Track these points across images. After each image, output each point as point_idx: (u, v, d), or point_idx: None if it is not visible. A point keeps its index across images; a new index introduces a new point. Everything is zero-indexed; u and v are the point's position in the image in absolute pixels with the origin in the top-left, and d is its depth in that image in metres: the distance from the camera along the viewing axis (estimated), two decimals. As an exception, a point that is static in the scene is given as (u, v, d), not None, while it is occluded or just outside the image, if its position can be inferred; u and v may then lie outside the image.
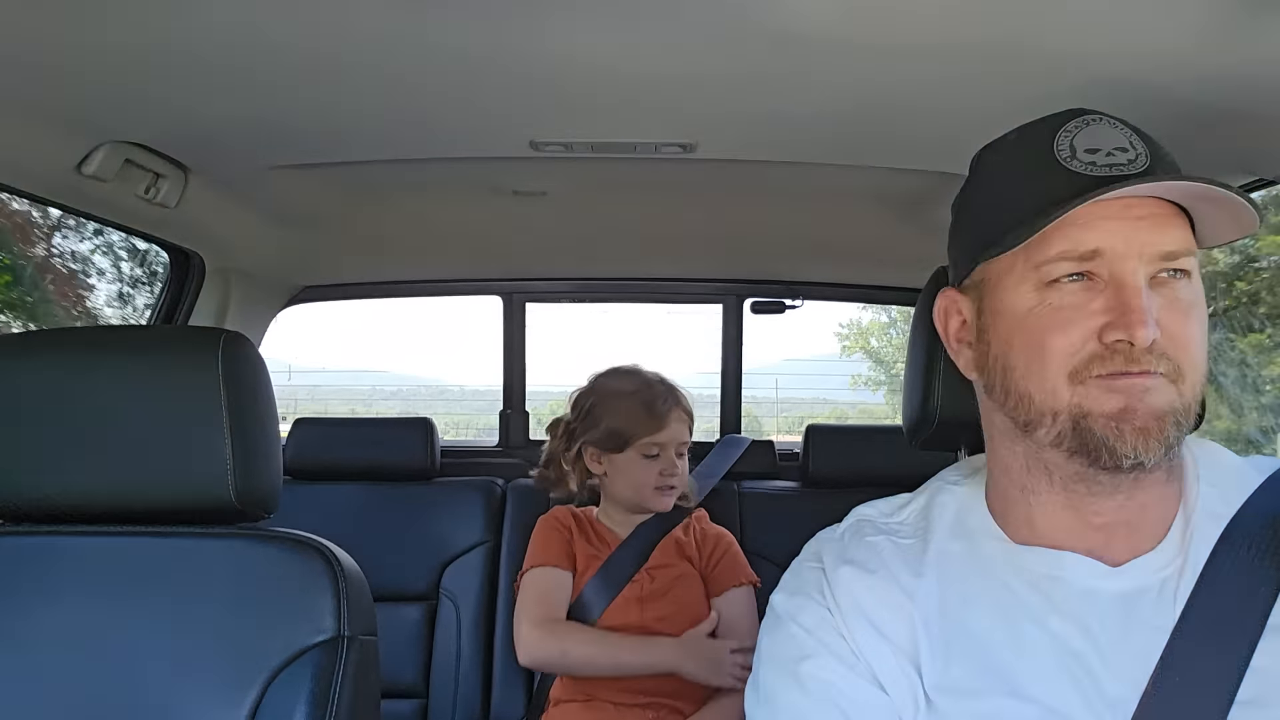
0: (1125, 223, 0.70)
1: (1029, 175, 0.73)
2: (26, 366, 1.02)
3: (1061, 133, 0.74)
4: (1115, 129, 0.73)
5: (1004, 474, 0.79)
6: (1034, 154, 0.74)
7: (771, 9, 0.94)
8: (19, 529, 1.05)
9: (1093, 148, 0.72)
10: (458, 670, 1.87)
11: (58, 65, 1.08)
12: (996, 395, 0.76)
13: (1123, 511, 0.74)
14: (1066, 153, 0.72)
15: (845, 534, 0.84)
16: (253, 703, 0.94)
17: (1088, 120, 0.74)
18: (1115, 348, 0.69)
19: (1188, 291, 0.71)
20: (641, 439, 1.66)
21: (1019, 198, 0.73)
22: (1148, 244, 0.70)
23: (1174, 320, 0.70)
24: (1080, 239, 0.70)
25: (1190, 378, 0.70)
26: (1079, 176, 0.71)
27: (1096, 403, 0.69)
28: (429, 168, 1.59)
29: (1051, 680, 0.70)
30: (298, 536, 1.02)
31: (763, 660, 0.80)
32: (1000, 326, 0.75)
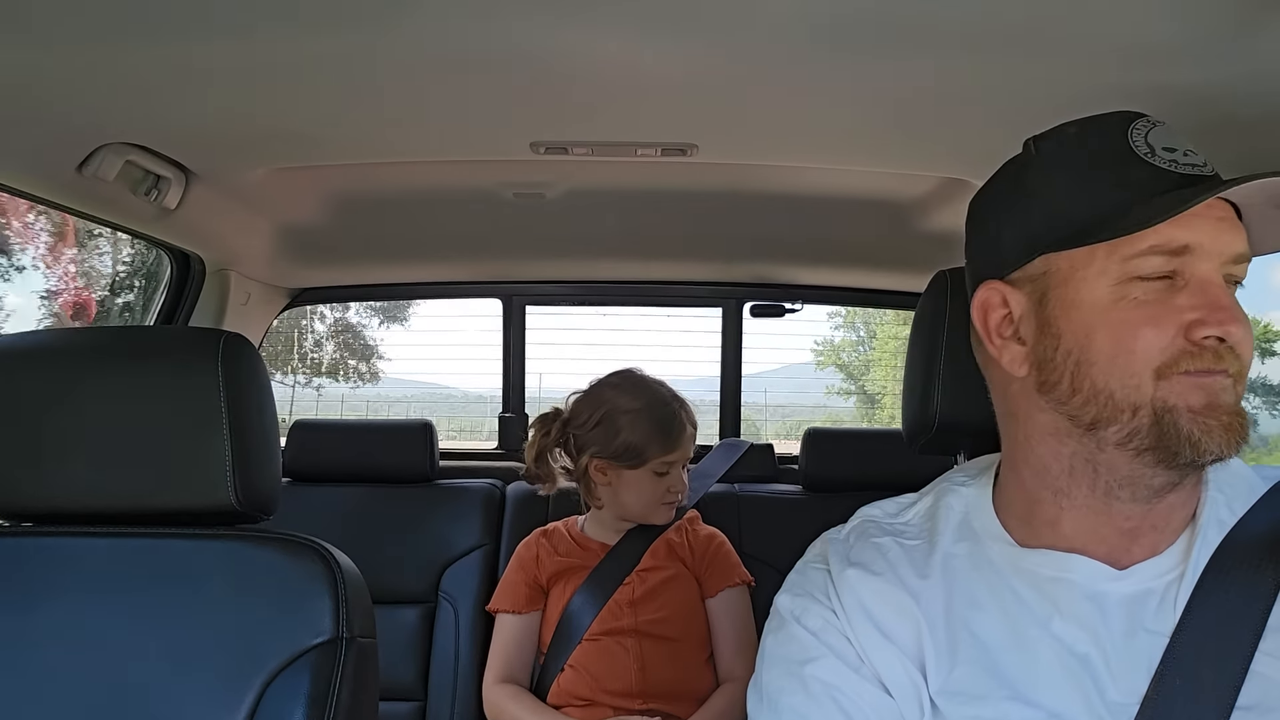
0: (1210, 222, 0.70)
1: (1110, 169, 0.72)
2: (27, 367, 1.02)
3: (1133, 129, 0.73)
4: (1174, 132, 0.74)
5: (1036, 476, 0.76)
6: (1108, 148, 0.73)
7: (772, 12, 0.95)
8: (18, 529, 1.05)
9: (1170, 146, 0.72)
10: (456, 673, 1.87)
11: (59, 67, 1.08)
12: (1060, 392, 0.73)
13: (1152, 515, 0.74)
14: (1145, 149, 0.72)
15: (850, 535, 0.84)
16: (251, 704, 0.94)
17: (1151, 121, 0.74)
18: (1204, 344, 0.69)
19: (1239, 298, 0.72)
20: (657, 458, 1.64)
21: (1103, 190, 0.72)
22: (1228, 245, 0.71)
23: (1240, 326, 0.70)
24: (1173, 235, 0.69)
25: (1244, 380, 0.71)
26: (1166, 173, 0.71)
27: (1182, 398, 0.69)
28: (429, 170, 1.59)
29: (1055, 685, 0.70)
30: (297, 538, 1.02)
31: (766, 661, 0.79)
32: (1075, 319, 0.72)
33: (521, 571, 1.72)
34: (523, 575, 1.71)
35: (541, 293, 2.47)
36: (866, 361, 5.76)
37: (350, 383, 5.05)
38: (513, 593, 1.71)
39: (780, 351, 2.50)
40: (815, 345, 5.58)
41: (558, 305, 2.55)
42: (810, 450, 2.01)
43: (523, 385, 2.49)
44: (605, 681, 1.60)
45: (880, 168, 1.51)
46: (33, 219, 5.13)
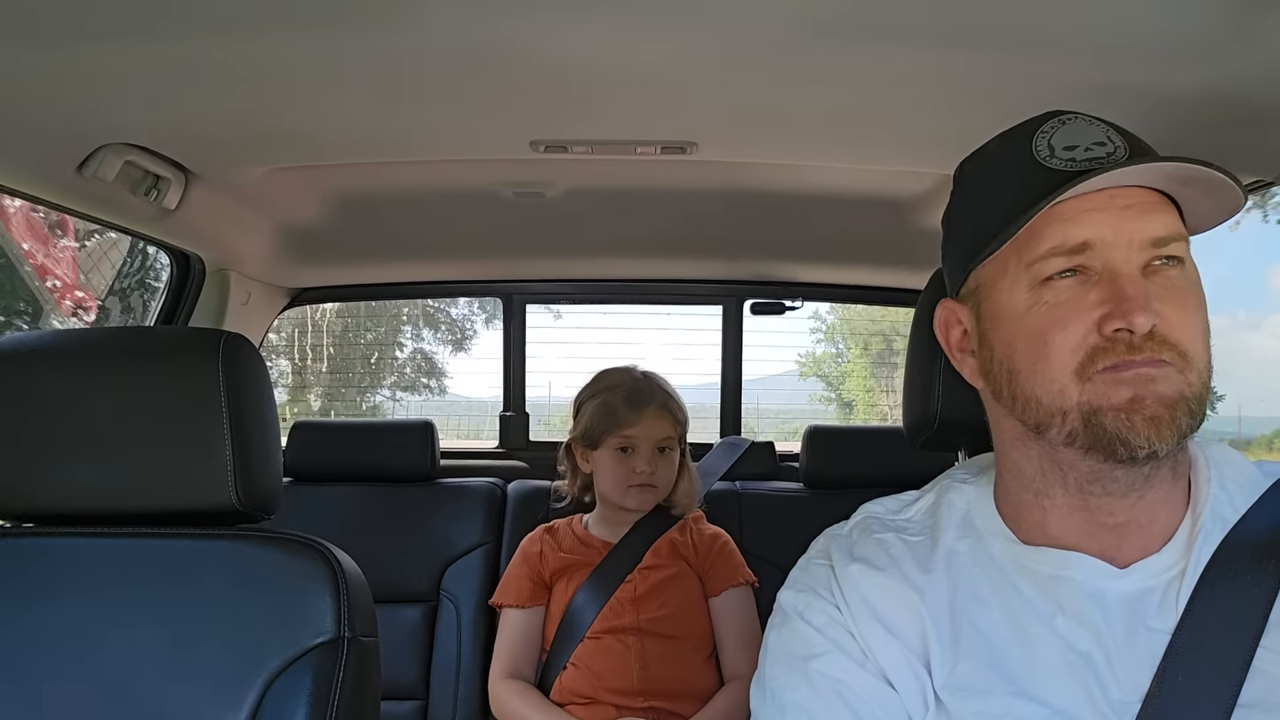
0: (1111, 213, 0.70)
1: (1014, 178, 0.74)
2: (27, 367, 1.02)
3: (1039, 134, 0.74)
4: (1093, 126, 0.74)
5: (1016, 479, 0.78)
6: (1014, 157, 0.75)
7: (772, 10, 0.95)
8: (19, 529, 1.05)
9: (1071, 144, 0.73)
10: (458, 671, 1.87)
11: (59, 68, 1.08)
12: (1005, 400, 0.76)
13: (1134, 511, 0.74)
14: (1045, 152, 0.73)
15: (853, 531, 0.84)
16: (253, 704, 0.94)
17: (1064, 120, 0.75)
18: (1116, 338, 0.69)
19: (1182, 278, 0.71)
20: (612, 434, 1.67)
21: (1004, 199, 0.73)
22: (1136, 231, 0.70)
23: (1171, 308, 0.69)
24: (1069, 233, 0.71)
25: (1195, 365, 0.70)
26: (1059, 173, 0.71)
27: (1105, 397, 0.69)
28: (429, 169, 1.59)
29: (1058, 682, 0.70)
30: (298, 538, 1.02)
31: (770, 657, 0.79)
32: (1000, 330, 0.75)
33: (525, 566, 1.72)
34: (526, 570, 1.72)
35: (542, 291, 2.47)
36: (843, 372, 6.19)
37: (421, 396, 6.51)
38: (516, 587, 1.71)
39: (766, 364, 2.61)
40: (799, 358, 5.99)
41: (558, 304, 2.55)
42: (811, 448, 2.01)
43: (523, 384, 2.49)
44: (607, 680, 1.60)
45: (880, 165, 1.51)
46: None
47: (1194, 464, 0.77)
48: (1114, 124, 0.75)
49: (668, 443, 1.70)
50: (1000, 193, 0.74)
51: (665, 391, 1.72)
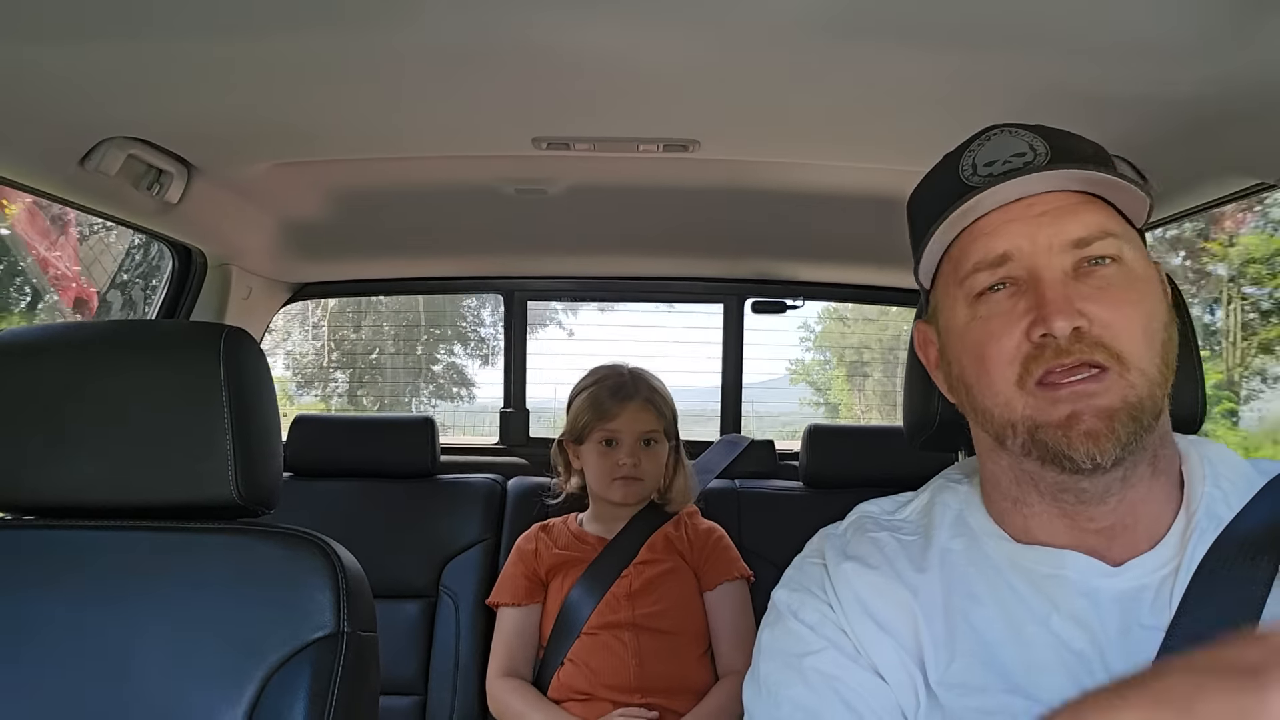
0: (1027, 221, 0.72)
1: (944, 200, 0.75)
2: (28, 361, 1.03)
3: (966, 153, 0.76)
4: (1017, 137, 0.75)
5: (995, 487, 0.79)
6: (945, 179, 0.77)
7: (774, 8, 0.95)
8: (19, 521, 1.05)
9: (991, 160, 0.74)
10: (456, 667, 1.87)
11: (62, 62, 1.08)
12: (968, 413, 0.78)
13: (1116, 514, 0.74)
14: (969, 170, 0.75)
15: (848, 530, 0.84)
16: (252, 697, 0.95)
17: (990, 135, 0.76)
18: (1043, 343, 0.70)
19: (1118, 275, 0.71)
20: (595, 427, 1.69)
21: (931, 220, 0.76)
22: (1054, 235, 0.71)
23: (1102, 307, 0.70)
24: (989, 246, 0.73)
25: (1137, 364, 0.70)
26: (974, 190, 0.73)
27: (1044, 413, 0.70)
28: (431, 165, 1.59)
29: (1053, 679, 0.70)
30: (298, 532, 1.02)
31: (763, 654, 0.80)
32: (952, 347, 0.77)
33: (521, 564, 1.73)
34: (522, 568, 1.73)
35: (543, 288, 2.47)
36: (829, 378, 6.49)
37: (454, 403, 7.09)
38: (512, 586, 1.72)
39: (759, 371, 2.73)
40: (789, 365, 6.28)
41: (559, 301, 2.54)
42: (811, 446, 2.01)
43: (524, 380, 2.49)
44: (603, 676, 1.61)
45: (882, 164, 1.51)
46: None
47: (1187, 461, 0.78)
48: (1046, 130, 0.76)
49: (652, 435, 1.70)
50: (929, 215, 0.77)
51: (650, 386, 1.73)
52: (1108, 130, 1.24)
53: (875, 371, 6.45)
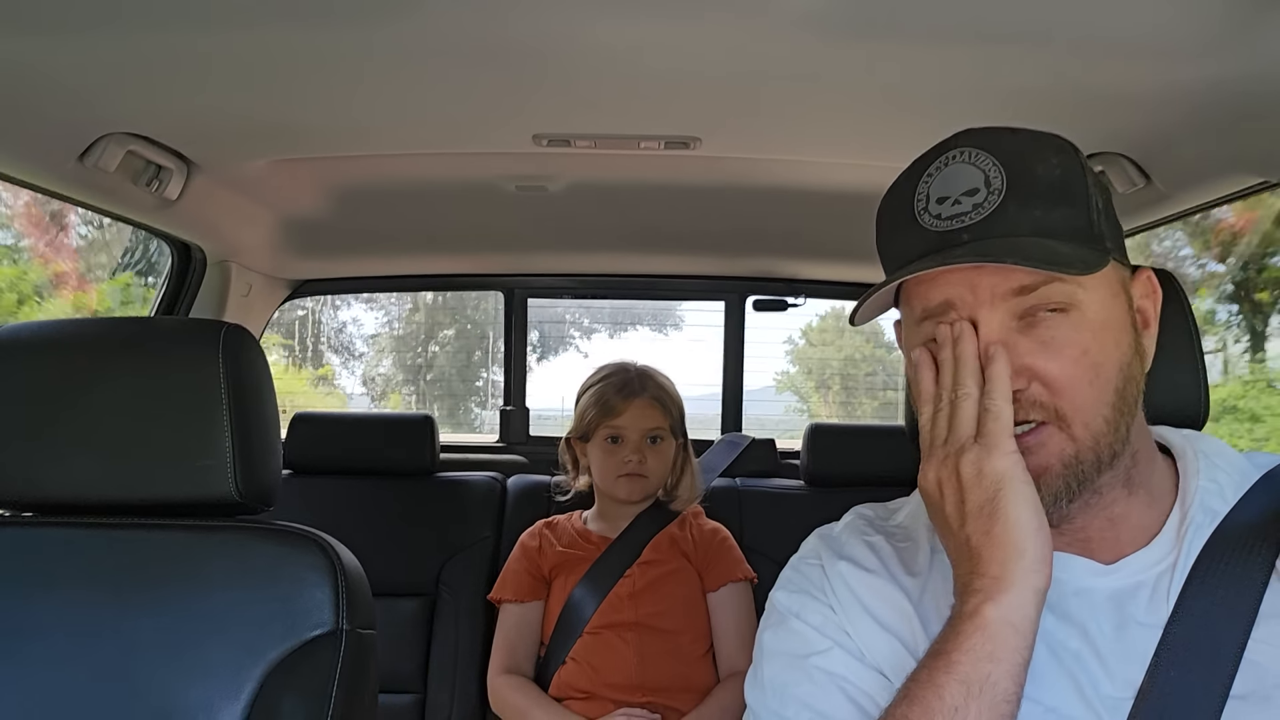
0: (963, 272, 0.70)
1: (895, 230, 0.75)
2: (26, 357, 1.02)
3: (923, 179, 0.74)
4: (974, 165, 0.71)
5: None
6: (901, 205, 0.75)
7: (776, 5, 0.94)
8: (18, 519, 1.05)
9: (943, 195, 0.72)
10: (456, 665, 1.87)
11: (61, 57, 1.07)
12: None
13: (1089, 530, 0.74)
14: (922, 203, 0.73)
15: (843, 532, 0.84)
16: (250, 695, 0.94)
17: (949, 159, 0.73)
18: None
19: (1066, 327, 0.69)
20: (602, 424, 1.68)
21: (888, 256, 0.76)
22: (996, 284, 0.69)
23: (1046, 363, 0.69)
24: (930, 295, 0.72)
25: (1079, 418, 0.69)
26: (926, 233, 0.72)
27: None
28: (431, 162, 1.58)
29: (1051, 680, 0.70)
30: (297, 530, 1.02)
31: (766, 655, 0.79)
32: (910, 370, 0.77)
33: (524, 560, 1.73)
34: (525, 564, 1.72)
35: (543, 285, 2.47)
36: (812, 385, 7.08)
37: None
38: (515, 582, 1.71)
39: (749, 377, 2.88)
40: (775, 376, 6.80)
41: (560, 298, 2.54)
42: (812, 445, 2.00)
43: (524, 378, 2.49)
44: (605, 674, 1.61)
45: (884, 162, 1.50)
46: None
47: (1182, 456, 0.78)
48: (1007, 149, 0.72)
49: (658, 432, 1.70)
50: (885, 246, 0.77)
51: (657, 383, 1.72)
52: (1109, 128, 1.24)
53: (835, 384, 6.85)
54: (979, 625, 0.65)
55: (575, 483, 1.81)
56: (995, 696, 0.64)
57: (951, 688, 0.64)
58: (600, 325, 6.16)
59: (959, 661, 0.64)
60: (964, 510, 0.68)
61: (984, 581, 0.66)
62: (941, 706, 0.64)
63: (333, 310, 6.83)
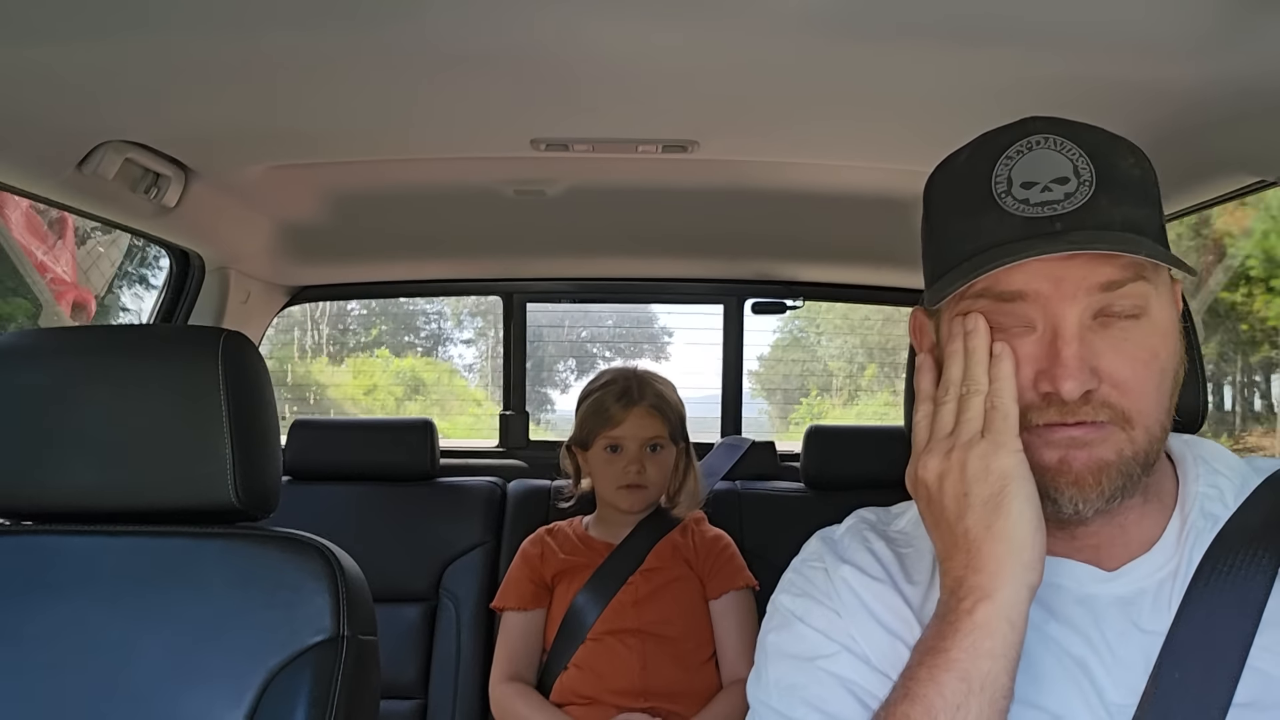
0: (1052, 263, 0.66)
1: (967, 211, 0.71)
2: (27, 365, 1.02)
3: (1002, 161, 0.70)
4: (1061, 153, 0.69)
5: None
6: (974, 185, 0.71)
7: (773, 8, 0.94)
8: (19, 527, 1.05)
9: (1029, 181, 0.68)
10: (457, 670, 1.87)
11: (59, 65, 1.07)
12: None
13: (1101, 535, 0.74)
14: (1003, 186, 0.69)
15: (845, 535, 0.83)
16: (252, 702, 0.94)
17: (1031, 144, 0.70)
18: (1049, 399, 0.68)
19: (1140, 331, 0.68)
20: (600, 433, 1.67)
21: (958, 237, 0.71)
22: (1083, 278, 0.67)
23: (1120, 365, 0.68)
24: (1004, 281, 0.68)
25: (1142, 423, 0.68)
26: (1010, 217, 0.68)
27: (1036, 453, 0.69)
28: (429, 167, 1.58)
29: (1055, 686, 0.70)
30: (297, 536, 1.02)
31: (770, 657, 0.79)
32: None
33: (526, 568, 1.72)
34: (527, 572, 1.72)
35: (543, 290, 2.47)
36: (787, 391, 7.17)
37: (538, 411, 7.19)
38: (518, 590, 1.71)
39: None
40: (751, 385, 6.96)
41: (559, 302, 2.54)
42: (812, 448, 2.00)
43: (523, 383, 2.49)
44: (608, 680, 1.60)
45: (882, 164, 1.51)
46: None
47: (1182, 462, 0.77)
48: (1090, 142, 0.70)
49: (658, 441, 1.69)
50: (956, 226, 0.72)
51: (656, 390, 1.71)
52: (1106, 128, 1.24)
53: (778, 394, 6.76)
54: (977, 622, 0.65)
55: (577, 489, 1.80)
56: (995, 692, 0.64)
57: (952, 684, 0.64)
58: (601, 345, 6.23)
59: (958, 659, 0.64)
60: (965, 503, 0.67)
61: (980, 578, 0.66)
62: (943, 704, 0.64)
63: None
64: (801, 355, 6.55)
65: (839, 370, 6.13)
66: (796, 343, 6.79)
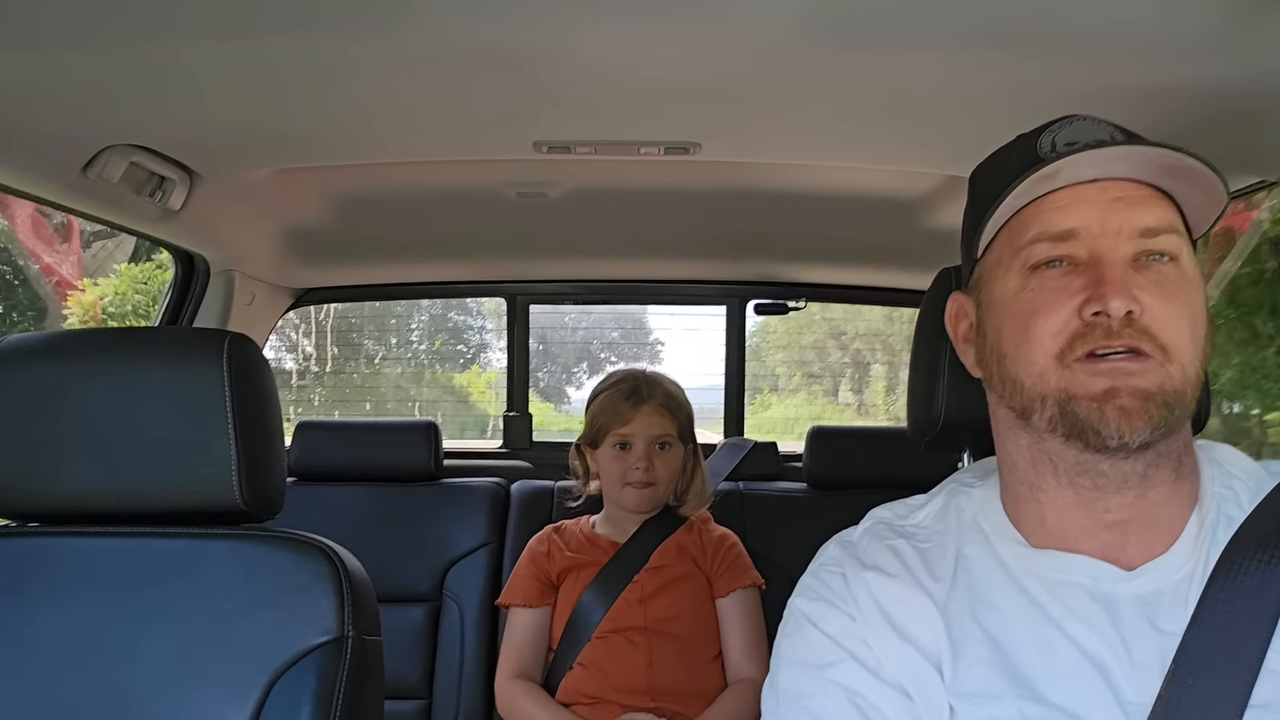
0: (1100, 205, 0.72)
1: (1010, 170, 0.75)
2: (33, 367, 1.03)
3: (1044, 133, 0.77)
4: (1098, 125, 0.76)
5: (1011, 471, 0.78)
6: (1021, 154, 0.77)
7: (775, 11, 0.95)
8: (24, 529, 1.05)
9: (1072, 140, 0.75)
10: (461, 671, 1.87)
11: (64, 70, 1.08)
12: (995, 386, 0.78)
13: (1133, 509, 0.73)
14: (1048, 147, 0.76)
15: (863, 537, 0.83)
16: (256, 703, 0.95)
17: (1073, 119, 0.77)
18: (1094, 321, 0.70)
19: (1174, 273, 0.72)
20: (610, 431, 1.68)
21: (999, 187, 0.75)
22: (1125, 220, 0.72)
23: (1157, 300, 0.70)
24: (1054, 220, 0.73)
25: (1179, 359, 0.70)
26: (1057, 156, 0.73)
27: (1081, 385, 0.70)
28: (432, 170, 1.59)
29: (1071, 685, 0.70)
30: (302, 537, 1.02)
31: (783, 664, 0.79)
32: (993, 316, 0.77)
33: (533, 566, 1.73)
34: (533, 569, 1.72)
35: (545, 292, 2.47)
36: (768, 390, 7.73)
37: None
38: (524, 587, 1.71)
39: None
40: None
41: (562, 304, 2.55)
42: (815, 448, 2.00)
43: (526, 384, 2.49)
44: (615, 679, 1.60)
45: (883, 165, 1.51)
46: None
47: (1199, 465, 0.77)
48: (1123, 127, 0.76)
49: (666, 439, 1.69)
50: (999, 183, 0.76)
51: (665, 390, 1.72)
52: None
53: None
54: None
55: (585, 488, 1.81)
56: None
57: None
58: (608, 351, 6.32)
59: None
60: None
61: None
62: None
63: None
64: (757, 365, 7.10)
65: (782, 374, 7.31)
66: (754, 352, 7.23)
